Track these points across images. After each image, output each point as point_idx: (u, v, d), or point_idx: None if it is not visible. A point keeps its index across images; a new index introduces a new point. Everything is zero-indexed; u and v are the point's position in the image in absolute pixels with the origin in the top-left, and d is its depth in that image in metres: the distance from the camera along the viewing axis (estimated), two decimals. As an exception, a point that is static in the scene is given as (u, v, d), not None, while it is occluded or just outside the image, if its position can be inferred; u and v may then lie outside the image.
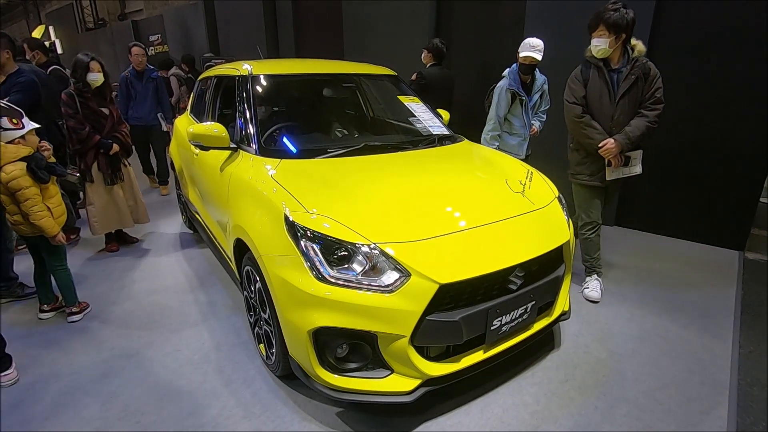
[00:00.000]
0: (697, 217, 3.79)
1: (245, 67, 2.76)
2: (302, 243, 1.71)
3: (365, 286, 1.64)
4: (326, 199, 1.89)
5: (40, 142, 2.45)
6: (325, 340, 1.70)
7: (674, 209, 3.91)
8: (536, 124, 3.52)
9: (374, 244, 1.68)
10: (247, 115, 2.49)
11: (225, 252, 2.64)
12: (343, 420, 1.91)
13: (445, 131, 2.87)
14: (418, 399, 1.76)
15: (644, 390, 2.10)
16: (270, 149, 2.39)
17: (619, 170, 2.70)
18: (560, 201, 2.32)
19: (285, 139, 2.54)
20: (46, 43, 13.38)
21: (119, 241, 3.83)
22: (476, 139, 3.00)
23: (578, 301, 2.89)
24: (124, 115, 4.61)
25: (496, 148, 3.14)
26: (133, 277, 3.27)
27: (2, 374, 2.15)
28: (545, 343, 2.44)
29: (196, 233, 3.97)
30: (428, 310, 1.65)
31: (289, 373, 1.99)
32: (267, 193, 1.99)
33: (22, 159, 2.33)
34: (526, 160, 3.38)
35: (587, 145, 2.68)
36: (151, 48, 10.36)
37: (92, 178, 3.42)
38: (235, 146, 2.46)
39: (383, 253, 1.66)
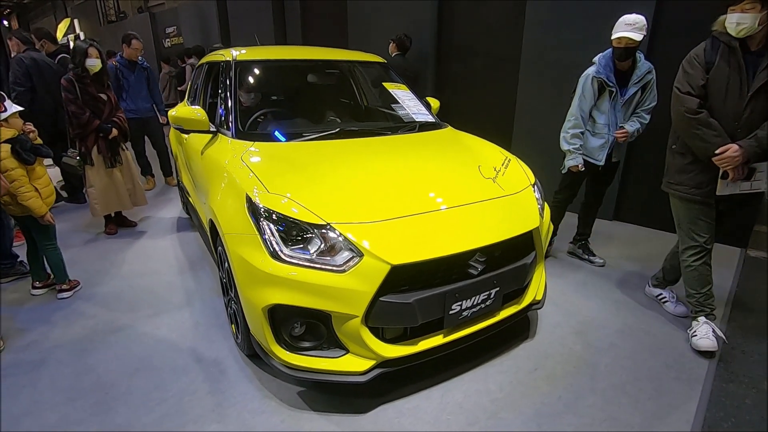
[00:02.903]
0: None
1: (231, 53, 2.79)
2: (260, 222, 1.73)
3: (319, 266, 1.64)
4: (290, 180, 1.91)
5: (24, 124, 2.53)
6: (280, 317, 1.72)
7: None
8: (629, 127, 2.78)
9: (329, 224, 1.68)
10: (228, 99, 2.52)
11: (206, 234, 2.69)
12: (303, 399, 1.93)
13: (429, 118, 2.84)
14: (373, 380, 1.76)
15: (615, 383, 2.05)
16: (247, 133, 2.41)
17: (736, 185, 2.08)
18: (537, 188, 2.28)
19: (263, 123, 2.56)
20: (71, 36, 13.82)
21: (119, 223, 3.95)
22: (469, 131, 2.92)
23: (563, 291, 2.84)
24: None
25: (577, 149, 2.80)
26: (126, 259, 3.37)
27: (-11, 343, 2.25)
28: (520, 332, 2.40)
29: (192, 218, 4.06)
30: (381, 291, 1.65)
31: (254, 352, 2.02)
32: (234, 173, 2.02)
33: (6, 141, 2.41)
34: (609, 168, 2.95)
35: (699, 150, 2.09)
36: (167, 40, 10.58)
37: (92, 162, 3.52)
38: (215, 130, 2.50)
39: (337, 233, 1.67)
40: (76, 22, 14.73)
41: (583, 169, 2.85)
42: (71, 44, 9.09)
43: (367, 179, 1.98)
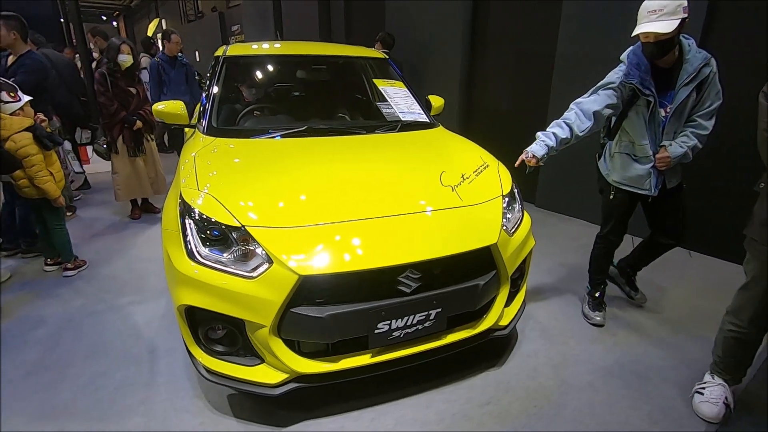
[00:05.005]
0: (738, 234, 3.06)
1: (224, 48, 2.82)
2: (184, 219, 1.70)
3: (230, 269, 1.58)
4: (226, 180, 1.86)
5: (35, 114, 2.74)
6: (198, 319, 1.68)
7: (711, 224, 3.20)
8: (675, 149, 2.03)
9: (243, 226, 1.60)
10: (209, 94, 2.54)
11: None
12: (230, 403, 1.87)
13: (418, 118, 2.65)
14: (286, 394, 1.66)
15: None
16: (217, 128, 2.40)
17: None
18: (515, 197, 2.03)
19: (234, 119, 2.55)
20: (159, 34, 15.10)
21: (144, 209, 4.21)
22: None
23: (557, 315, 2.53)
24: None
25: (547, 137, 2.07)
26: (136, 243, 3.57)
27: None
28: (487, 357, 2.16)
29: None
30: (293, 302, 1.54)
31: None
32: (183, 169, 2.01)
33: (26, 129, 2.63)
34: (669, 194, 2.19)
35: None
36: (232, 38, 11.18)
37: (117, 150, 3.78)
38: (195, 125, 2.53)
39: (250, 237, 1.59)
40: (163, 21, 16.13)
41: (534, 162, 2.05)
42: (159, 42, 9.91)
43: (308, 181, 1.88)
